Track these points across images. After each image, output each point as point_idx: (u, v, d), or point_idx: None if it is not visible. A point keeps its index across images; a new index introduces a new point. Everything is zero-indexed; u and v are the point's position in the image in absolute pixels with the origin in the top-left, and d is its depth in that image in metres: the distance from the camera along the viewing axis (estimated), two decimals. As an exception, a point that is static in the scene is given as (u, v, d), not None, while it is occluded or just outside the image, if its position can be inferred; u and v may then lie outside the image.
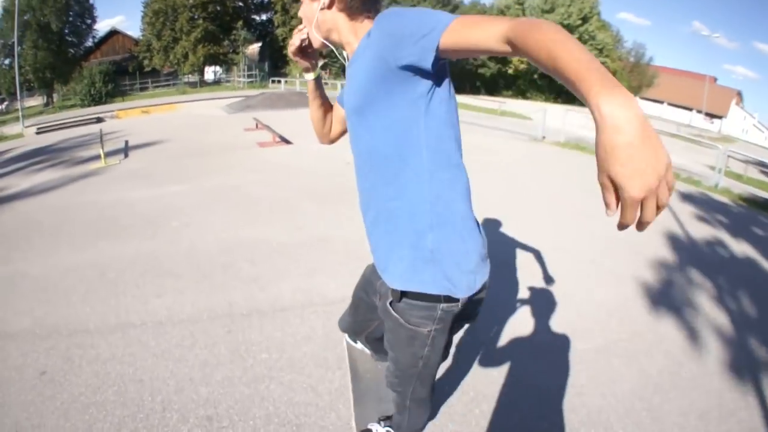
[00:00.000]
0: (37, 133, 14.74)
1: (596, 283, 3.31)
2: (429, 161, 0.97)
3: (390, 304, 1.12)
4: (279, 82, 28.35)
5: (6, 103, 38.62)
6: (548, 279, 3.23)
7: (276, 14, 36.14)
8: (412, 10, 0.85)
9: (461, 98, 24.33)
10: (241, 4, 36.83)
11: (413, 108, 0.93)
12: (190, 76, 36.21)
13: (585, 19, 35.22)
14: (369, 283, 1.40)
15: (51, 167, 7.63)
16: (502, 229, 4.22)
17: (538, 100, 35.15)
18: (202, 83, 34.67)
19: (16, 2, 25.34)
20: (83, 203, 5.17)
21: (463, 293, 1.05)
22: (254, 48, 37.35)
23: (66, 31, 32.51)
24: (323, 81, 1.47)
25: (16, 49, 20.58)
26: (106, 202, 5.12)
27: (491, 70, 35.51)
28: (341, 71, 24.02)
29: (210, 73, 39.99)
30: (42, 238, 4.11)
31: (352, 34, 1.08)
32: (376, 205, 1.08)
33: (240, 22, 34.59)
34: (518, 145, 9.80)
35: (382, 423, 1.65)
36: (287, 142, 8.65)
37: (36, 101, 37.64)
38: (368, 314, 1.48)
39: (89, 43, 35.43)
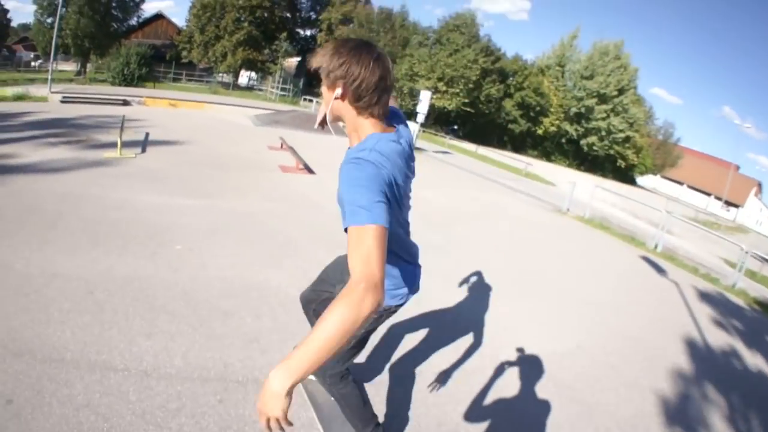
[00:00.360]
0: (62, 102, 14.68)
1: (616, 395, 3.09)
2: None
3: None
4: (311, 101, 28.16)
5: (40, 61, 39.03)
6: (565, 386, 3.02)
7: (321, 32, 36.22)
8: (352, 188, 1.17)
9: (488, 151, 25.49)
10: (288, 15, 36.86)
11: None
12: (224, 75, 36.21)
13: (621, 91, 35.91)
14: (341, 272, 1.87)
15: (65, 144, 7.44)
16: (516, 314, 4.05)
17: (562, 164, 35.65)
18: (235, 86, 34.43)
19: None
20: (88, 196, 4.92)
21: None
22: (292, 62, 37.65)
23: (113, 4, 32.95)
24: None
25: (60, 11, 20.70)
26: (112, 201, 4.87)
27: (521, 127, 35.92)
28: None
29: (244, 77, 40.16)
30: (35, 227, 3.84)
31: (353, 128, 1.37)
32: None
33: (284, 33, 34.57)
34: (541, 215, 9.77)
35: None
36: (310, 171, 8.55)
37: (69, 66, 37.82)
38: (326, 288, 1.99)
39: (133, 21, 35.83)
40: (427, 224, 6.33)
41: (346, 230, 1.12)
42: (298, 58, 37.75)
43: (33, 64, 39.59)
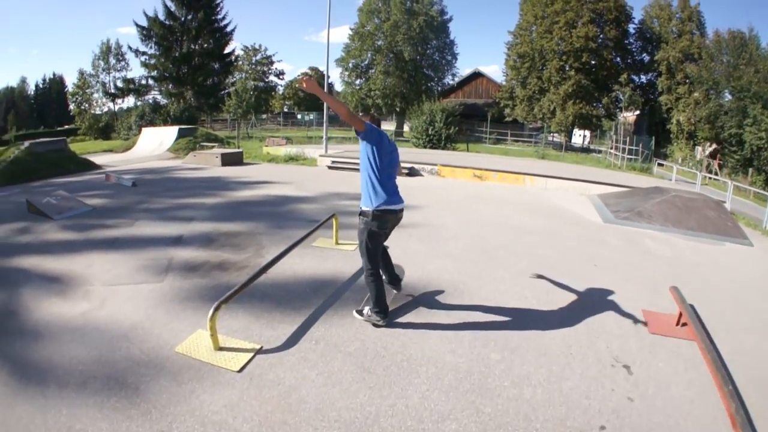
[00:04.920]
0: (329, 168, 13.96)
1: None
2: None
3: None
4: (663, 166, 19.31)
5: None
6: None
7: (660, 77, 28.60)
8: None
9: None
10: (619, 60, 29.98)
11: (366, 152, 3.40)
12: (556, 135, 31.93)
13: None
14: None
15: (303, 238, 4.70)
16: None
17: None
18: (568, 147, 28.67)
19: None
20: None
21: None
22: (630, 116, 31.64)
23: (424, 63, 33.82)
24: None
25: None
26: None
27: None
28: None
29: (578, 136, 34.84)
30: None
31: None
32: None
33: (624, 76, 28.48)
34: None
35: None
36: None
37: (389, 125, 39.01)
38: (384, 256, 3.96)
39: (449, 80, 36.15)
40: None
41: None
42: (636, 112, 31.43)
43: None
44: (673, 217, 8.14)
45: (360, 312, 3.78)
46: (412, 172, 13.60)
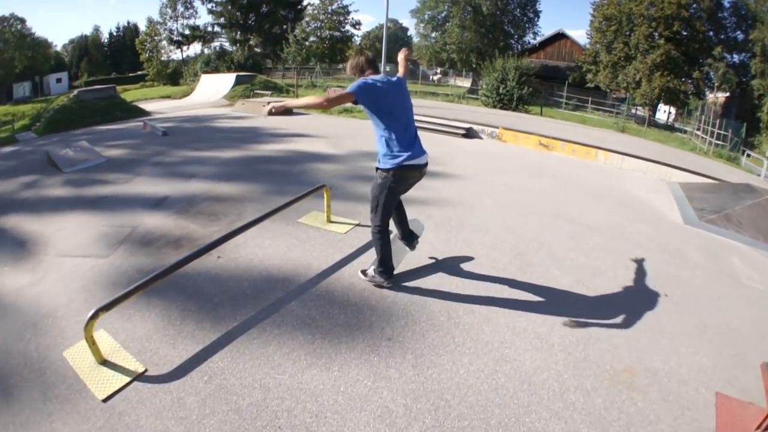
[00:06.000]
0: None
1: None
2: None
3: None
4: (751, 157, 16.31)
5: (438, 76, 43.09)
6: None
7: (754, 58, 25.34)
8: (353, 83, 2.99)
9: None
10: (711, 33, 26.55)
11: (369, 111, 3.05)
12: (639, 108, 28.46)
13: None
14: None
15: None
16: None
17: None
18: (650, 123, 25.33)
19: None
20: None
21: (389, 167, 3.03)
22: (720, 98, 28.25)
23: (504, 19, 31.48)
24: None
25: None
26: None
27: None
28: None
29: (662, 112, 31.67)
30: None
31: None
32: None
33: (718, 49, 24.96)
34: None
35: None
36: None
37: (464, 82, 38.51)
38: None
39: (530, 39, 33.41)
40: None
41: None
42: (725, 94, 27.91)
43: (432, 78, 43.29)
44: (766, 228, 6.24)
45: (364, 272, 3.57)
46: (470, 134, 12.06)
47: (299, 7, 38.82)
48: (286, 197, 4.33)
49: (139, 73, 41.76)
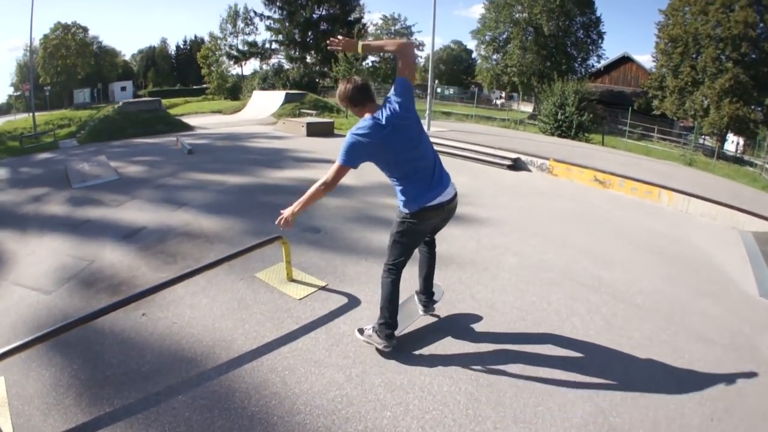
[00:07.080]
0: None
1: None
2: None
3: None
4: None
5: (502, 100, 42.48)
6: None
7: None
8: (342, 147, 2.55)
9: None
10: None
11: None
12: (707, 138, 25.91)
13: None
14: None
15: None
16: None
17: None
18: (719, 155, 22.82)
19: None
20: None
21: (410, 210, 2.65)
22: None
23: (567, 41, 30.43)
24: None
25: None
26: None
27: None
28: None
29: (730, 142, 28.18)
30: None
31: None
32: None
33: None
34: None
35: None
36: None
37: (527, 107, 36.79)
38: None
39: (595, 62, 32.06)
40: None
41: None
42: None
43: (495, 101, 43.11)
44: None
45: (361, 331, 3.08)
46: (517, 165, 10.94)
47: (359, 25, 39.71)
48: (262, 238, 3.76)
49: (203, 86, 44.33)
